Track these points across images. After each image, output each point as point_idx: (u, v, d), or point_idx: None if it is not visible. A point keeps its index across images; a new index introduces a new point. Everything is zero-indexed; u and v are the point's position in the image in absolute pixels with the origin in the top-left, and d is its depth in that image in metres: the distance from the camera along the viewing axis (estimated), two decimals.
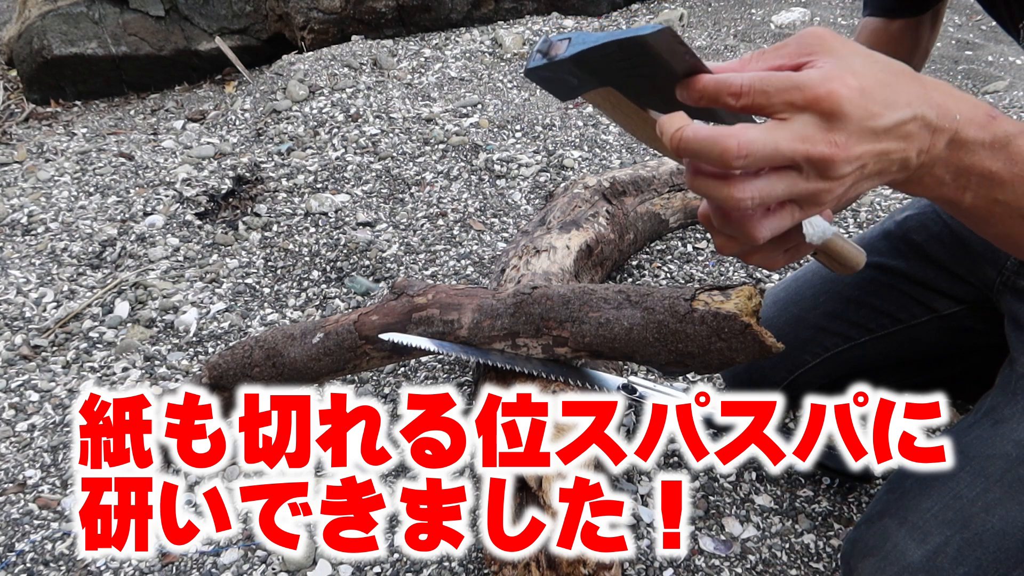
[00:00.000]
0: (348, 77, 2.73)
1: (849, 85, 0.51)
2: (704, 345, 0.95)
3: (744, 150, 0.50)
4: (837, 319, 1.13)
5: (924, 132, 0.55)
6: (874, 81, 0.52)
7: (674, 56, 0.52)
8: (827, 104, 0.51)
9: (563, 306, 1.05)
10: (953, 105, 0.56)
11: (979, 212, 0.61)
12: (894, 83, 0.54)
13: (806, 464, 0.79)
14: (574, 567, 0.87)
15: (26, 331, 1.63)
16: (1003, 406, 0.88)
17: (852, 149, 0.52)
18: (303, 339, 1.16)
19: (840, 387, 1.22)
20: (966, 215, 0.63)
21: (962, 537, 0.80)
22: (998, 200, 0.60)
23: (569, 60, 0.53)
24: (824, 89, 0.51)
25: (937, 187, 0.59)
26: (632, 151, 2.21)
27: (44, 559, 1.12)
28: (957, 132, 0.56)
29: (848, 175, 0.53)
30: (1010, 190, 0.59)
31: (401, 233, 1.89)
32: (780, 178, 0.53)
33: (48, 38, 3.00)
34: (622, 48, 0.51)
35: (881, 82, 0.53)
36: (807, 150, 0.51)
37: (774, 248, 0.62)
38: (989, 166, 0.58)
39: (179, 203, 2.06)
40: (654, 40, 0.50)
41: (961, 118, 0.56)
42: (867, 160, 0.53)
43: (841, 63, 0.52)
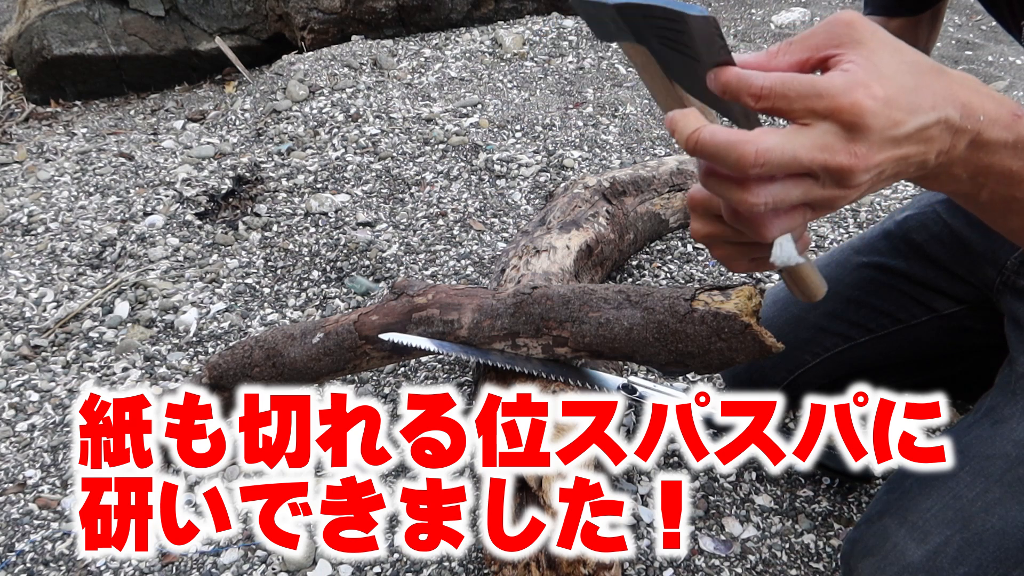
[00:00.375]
0: (348, 77, 2.73)
1: (874, 95, 0.50)
2: (704, 345, 0.95)
3: (762, 158, 0.49)
4: (837, 319, 1.13)
5: (946, 134, 0.54)
6: (899, 87, 0.51)
7: (709, 45, 0.52)
8: (850, 115, 0.49)
9: (563, 306, 1.05)
10: (978, 104, 0.55)
11: (995, 207, 0.61)
12: (920, 85, 0.52)
13: (806, 464, 0.79)
14: (574, 567, 0.87)
15: (26, 331, 1.63)
16: (1003, 406, 0.88)
17: (872, 159, 0.51)
18: (303, 339, 1.16)
19: (840, 387, 1.22)
20: (981, 209, 0.63)
21: (962, 537, 0.80)
22: (1016, 197, 0.59)
23: (613, 7, 0.53)
24: (848, 100, 0.49)
25: (952, 183, 0.58)
26: (632, 151, 2.21)
27: (44, 559, 1.12)
28: (980, 133, 0.55)
29: (865, 183, 0.52)
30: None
31: (401, 233, 1.89)
32: (796, 184, 0.52)
33: (48, 38, 3.00)
34: (666, 15, 0.51)
35: (907, 87, 0.51)
36: (826, 160, 0.50)
37: (741, 253, 0.61)
38: (1009, 165, 0.57)
39: (179, 203, 2.06)
40: (695, 23, 0.50)
41: (985, 118, 0.55)
42: (886, 167, 0.52)
43: (868, 64, 0.51)
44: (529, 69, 2.83)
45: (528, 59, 2.92)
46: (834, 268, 1.14)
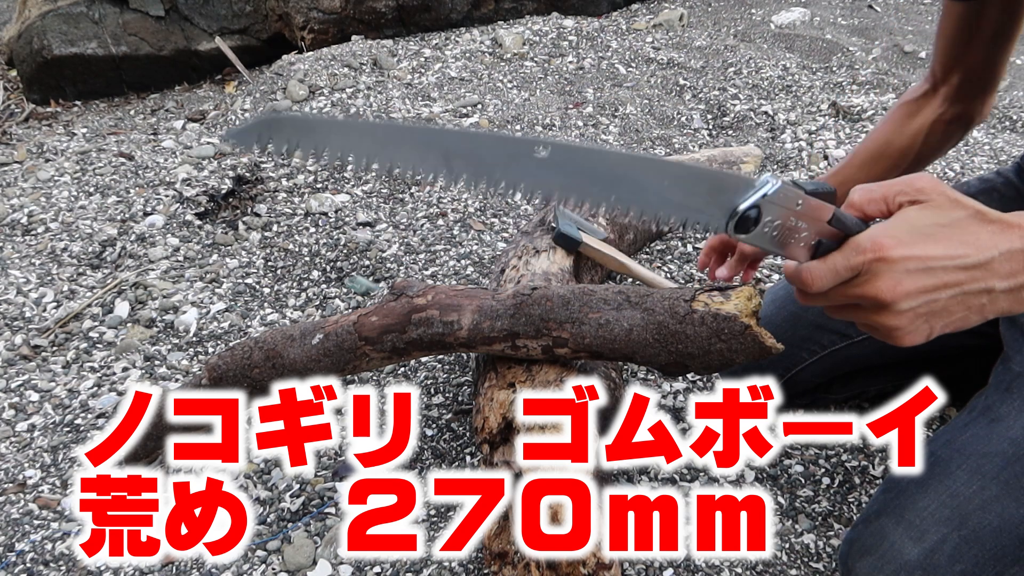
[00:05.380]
0: (348, 77, 2.73)
1: (893, 235, 0.62)
2: (704, 346, 0.95)
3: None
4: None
5: (1005, 262, 0.62)
6: (925, 227, 0.63)
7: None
8: (872, 253, 0.63)
9: (563, 307, 1.05)
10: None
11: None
12: (953, 222, 0.63)
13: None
14: (574, 567, 0.87)
15: (26, 331, 1.63)
16: (999, 404, 0.88)
17: (901, 286, 0.62)
18: (303, 340, 1.16)
19: (836, 385, 1.23)
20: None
21: (959, 535, 0.80)
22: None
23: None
24: (869, 241, 0.63)
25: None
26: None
27: (44, 559, 1.12)
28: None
29: (907, 311, 0.63)
30: None
31: (401, 233, 1.89)
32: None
33: (48, 38, 3.00)
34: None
35: (938, 223, 0.63)
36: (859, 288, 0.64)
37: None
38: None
39: (179, 203, 2.06)
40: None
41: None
42: (926, 296, 0.62)
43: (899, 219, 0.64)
44: (529, 69, 2.84)
45: (528, 59, 2.92)
46: None
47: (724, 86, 2.63)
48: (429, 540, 1.08)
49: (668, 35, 3.13)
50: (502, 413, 1.04)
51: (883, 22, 3.31)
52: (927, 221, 0.62)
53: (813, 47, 2.98)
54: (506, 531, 0.91)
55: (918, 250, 0.61)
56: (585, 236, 1.43)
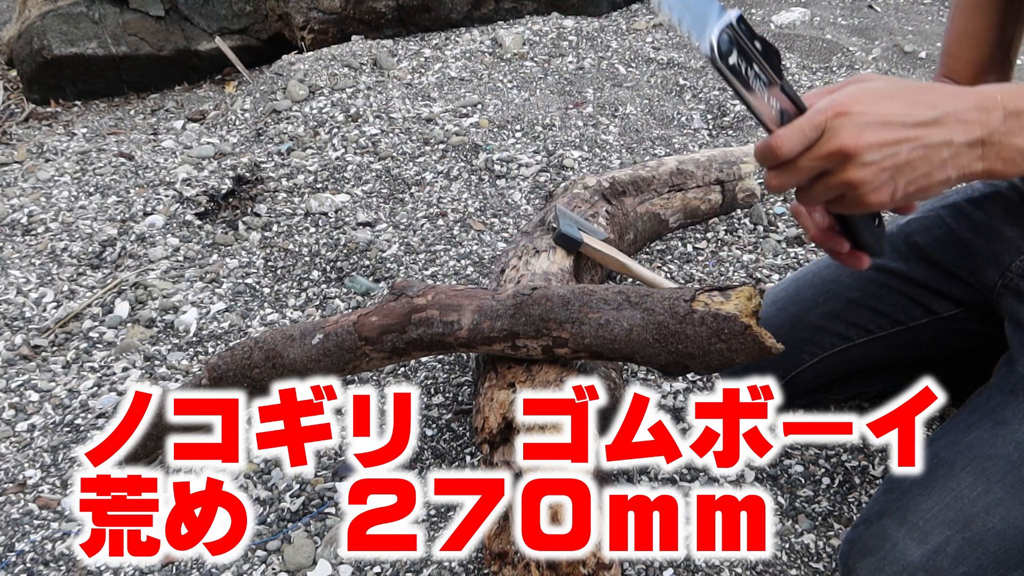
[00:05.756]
0: (348, 77, 2.73)
1: (853, 94, 0.66)
2: (704, 346, 0.95)
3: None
4: (836, 319, 1.13)
5: (957, 123, 0.65)
6: (884, 90, 0.67)
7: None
8: (836, 107, 0.66)
9: (563, 307, 1.05)
10: (993, 91, 0.67)
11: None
12: (909, 87, 0.67)
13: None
14: (574, 567, 0.87)
15: (26, 331, 1.63)
16: (1004, 407, 0.88)
17: (863, 138, 0.65)
18: (303, 340, 1.16)
19: (836, 385, 1.23)
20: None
21: (962, 537, 0.80)
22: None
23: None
24: (828, 101, 0.66)
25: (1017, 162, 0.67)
26: (632, 151, 2.21)
27: (44, 559, 1.12)
28: (1006, 106, 0.65)
29: (872, 163, 0.65)
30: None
31: (401, 233, 1.89)
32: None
33: (48, 38, 3.00)
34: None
35: (894, 88, 0.67)
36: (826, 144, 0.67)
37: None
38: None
39: (179, 203, 2.06)
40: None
41: (1003, 96, 0.66)
42: (888, 149, 0.65)
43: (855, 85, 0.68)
44: (529, 69, 2.83)
45: (528, 59, 2.92)
46: (835, 269, 1.14)
47: (724, 86, 2.63)
48: (429, 540, 1.08)
49: (668, 35, 3.13)
50: (502, 413, 1.04)
51: (883, 22, 3.31)
52: (881, 86, 0.68)
53: (813, 47, 2.98)
54: (506, 531, 0.91)
55: (875, 107, 0.66)
56: (585, 236, 1.43)
